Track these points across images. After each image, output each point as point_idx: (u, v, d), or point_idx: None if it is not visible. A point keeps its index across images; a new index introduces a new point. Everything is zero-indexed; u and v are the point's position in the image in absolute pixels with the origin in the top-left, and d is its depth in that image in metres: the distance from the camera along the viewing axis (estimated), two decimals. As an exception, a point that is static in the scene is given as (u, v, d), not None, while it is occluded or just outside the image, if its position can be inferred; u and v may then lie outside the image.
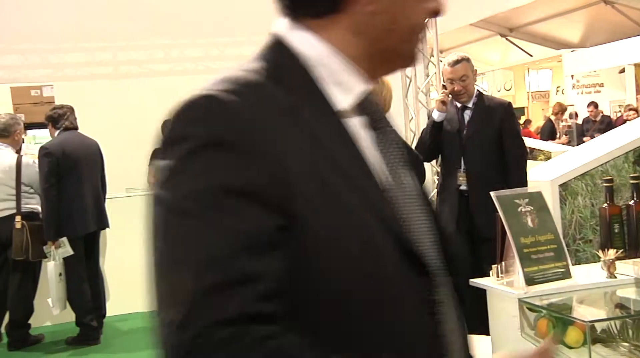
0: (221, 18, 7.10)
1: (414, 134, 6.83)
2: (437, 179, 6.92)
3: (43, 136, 8.09)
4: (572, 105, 12.81)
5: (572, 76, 14.13)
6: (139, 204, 4.28)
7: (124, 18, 6.76)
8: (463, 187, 3.82)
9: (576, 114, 12.24)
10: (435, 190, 4.39)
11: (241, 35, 7.15)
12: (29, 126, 7.83)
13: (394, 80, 3.86)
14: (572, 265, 2.39)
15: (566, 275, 2.30)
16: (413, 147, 3.99)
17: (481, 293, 2.50)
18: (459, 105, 3.85)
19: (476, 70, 3.94)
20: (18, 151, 5.24)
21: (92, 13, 6.68)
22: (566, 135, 11.46)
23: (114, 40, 6.76)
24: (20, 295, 5.03)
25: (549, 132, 11.57)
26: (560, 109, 12.03)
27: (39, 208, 5.02)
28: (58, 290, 4.88)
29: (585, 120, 11.96)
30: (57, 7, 6.59)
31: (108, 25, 6.71)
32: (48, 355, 4.86)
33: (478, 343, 2.93)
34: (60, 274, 4.89)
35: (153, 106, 6.88)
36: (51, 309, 4.89)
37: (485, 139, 3.75)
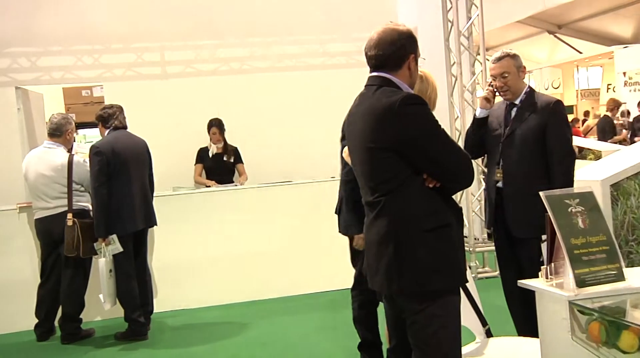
0: (267, 18, 7.16)
1: (460, 133, 6.76)
2: (483, 178, 6.85)
3: (93, 135, 8.29)
4: (625, 103, 12.48)
5: (624, 73, 13.75)
6: (185, 203, 4.41)
7: (171, 19, 6.88)
8: (499, 184, 3.78)
9: (628, 112, 11.91)
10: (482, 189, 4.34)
11: (287, 34, 7.19)
12: (80, 125, 8.04)
13: (439, 78, 3.82)
14: (625, 267, 2.32)
15: (619, 277, 2.24)
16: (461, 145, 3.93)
17: (530, 294, 2.45)
18: (508, 102, 3.79)
19: (524, 67, 3.85)
20: (70, 150, 5.37)
21: (141, 14, 6.82)
22: (626, 130, 11.18)
23: (162, 41, 6.87)
24: (72, 291, 5.15)
25: (609, 128, 11.25)
26: (615, 105, 11.73)
27: (90, 206, 5.13)
28: (109, 286, 4.98)
29: (637, 119, 11.63)
30: (107, 9, 6.75)
31: (156, 26, 6.84)
32: (98, 349, 4.96)
33: (527, 345, 2.88)
34: (110, 270, 4.99)
35: (200, 105, 7.04)
36: (102, 304, 4.99)
37: (524, 138, 3.66)
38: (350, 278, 6.07)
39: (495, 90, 3.78)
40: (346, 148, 2.71)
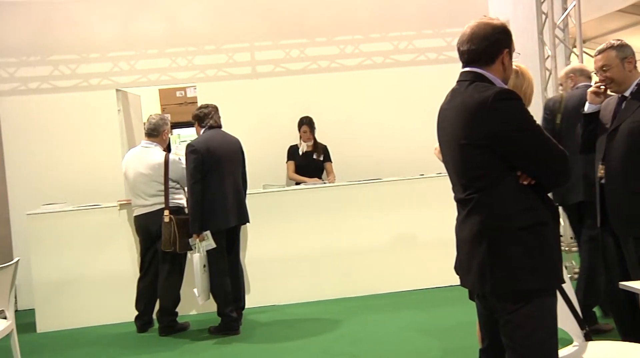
0: (355, 15, 7.18)
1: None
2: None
3: (187, 135, 8.57)
4: None
5: None
6: (276, 200, 4.49)
7: (260, 20, 7.02)
8: (603, 181, 3.60)
9: None
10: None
11: (376, 31, 7.18)
12: (174, 125, 8.33)
13: (533, 72, 3.70)
14: None
15: None
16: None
17: (633, 297, 2.34)
18: (620, 95, 3.59)
19: (632, 57, 3.59)
20: (166, 149, 5.56)
21: (231, 16, 7.00)
22: None
23: (251, 41, 7.01)
24: (168, 285, 5.34)
25: None
26: None
27: (185, 203, 5.30)
28: (202, 281, 5.11)
29: None
30: (199, 13, 6.97)
31: (246, 27, 6.99)
32: (194, 342, 5.12)
33: (630, 351, 2.74)
34: (204, 266, 5.12)
35: (289, 103, 7.15)
36: (197, 299, 5.15)
37: (629, 132, 3.43)
38: (440, 277, 6.00)
39: (602, 84, 3.60)
40: (437, 144, 2.67)
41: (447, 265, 4.35)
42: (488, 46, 2.35)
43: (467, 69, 2.40)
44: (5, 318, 4.14)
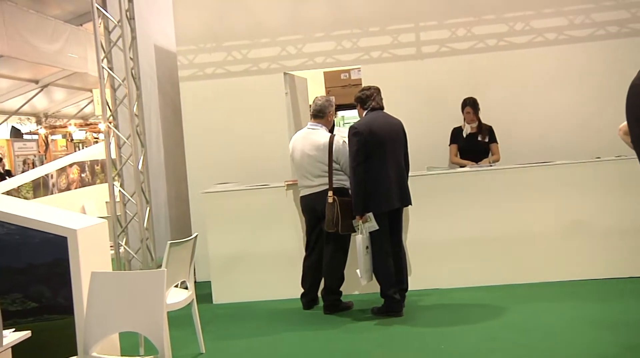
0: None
1: None
2: None
3: (350, 117, 8.67)
4: None
5: None
6: (439, 183, 4.42)
7: (426, -1, 6.88)
8: None
9: None
10: None
11: (548, 6, 6.78)
12: (338, 107, 8.45)
13: None
14: None
15: None
16: None
17: None
18: None
19: None
20: (330, 131, 5.65)
21: (397, -4, 6.92)
22: None
23: (417, 21, 6.90)
24: (332, 265, 5.45)
25: None
26: None
27: (348, 184, 5.36)
28: (365, 263, 5.16)
29: None
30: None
31: (411, 7, 6.89)
32: (356, 322, 5.18)
33: None
34: (366, 247, 5.17)
35: (454, 84, 6.97)
36: (360, 279, 5.21)
37: None
38: (618, 267, 5.61)
39: None
40: (623, 124, 2.46)
41: (627, 254, 4.07)
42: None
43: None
44: (186, 288, 4.46)
